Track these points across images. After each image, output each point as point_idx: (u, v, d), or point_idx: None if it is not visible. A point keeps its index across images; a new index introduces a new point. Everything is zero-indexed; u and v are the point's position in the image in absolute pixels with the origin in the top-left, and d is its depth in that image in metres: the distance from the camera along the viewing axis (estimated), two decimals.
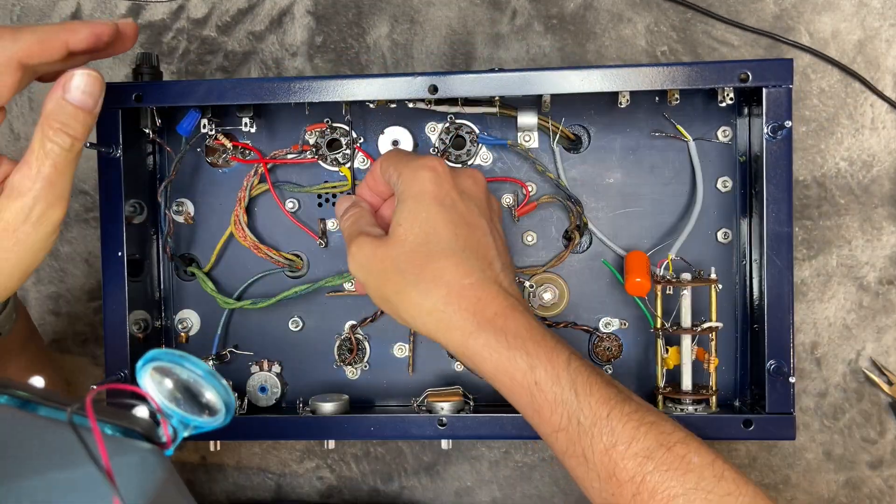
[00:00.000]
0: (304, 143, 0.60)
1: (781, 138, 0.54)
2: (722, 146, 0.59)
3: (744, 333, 0.59)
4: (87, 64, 0.49)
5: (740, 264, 0.59)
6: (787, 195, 0.54)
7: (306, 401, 0.60)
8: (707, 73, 0.53)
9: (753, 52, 0.66)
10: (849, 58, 0.66)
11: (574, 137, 0.60)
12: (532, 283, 0.61)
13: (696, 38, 0.67)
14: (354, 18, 0.68)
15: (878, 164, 0.66)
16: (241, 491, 0.70)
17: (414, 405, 0.60)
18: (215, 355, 0.61)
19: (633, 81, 0.53)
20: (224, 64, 0.69)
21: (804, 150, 0.66)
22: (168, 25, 0.69)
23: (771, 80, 0.53)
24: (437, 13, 0.68)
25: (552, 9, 0.67)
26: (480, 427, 0.56)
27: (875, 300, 0.66)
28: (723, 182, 0.59)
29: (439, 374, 0.62)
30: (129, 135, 0.57)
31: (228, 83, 0.55)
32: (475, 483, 0.69)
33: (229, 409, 0.34)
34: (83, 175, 0.70)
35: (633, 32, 0.67)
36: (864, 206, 0.66)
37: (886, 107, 0.66)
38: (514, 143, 0.59)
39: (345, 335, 0.62)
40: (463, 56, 0.68)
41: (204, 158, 0.61)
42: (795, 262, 0.65)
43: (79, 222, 0.70)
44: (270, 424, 0.57)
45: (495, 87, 0.54)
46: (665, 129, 0.59)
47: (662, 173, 0.60)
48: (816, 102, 0.66)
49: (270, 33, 0.69)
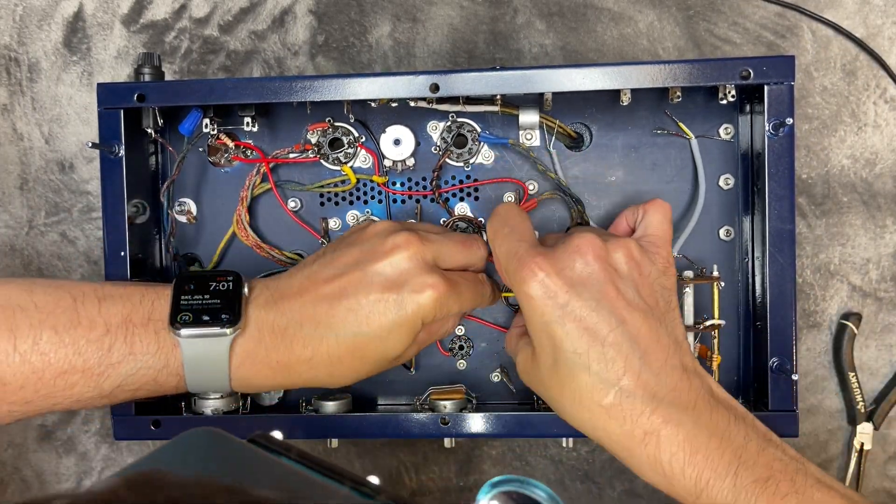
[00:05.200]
0: (306, 142, 0.60)
1: (783, 135, 0.54)
2: (724, 144, 0.59)
3: (746, 331, 0.59)
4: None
5: (742, 262, 0.59)
6: (790, 192, 0.54)
7: (309, 400, 0.60)
8: (709, 71, 0.53)
9: (755, 50, 0.66)
10: (851, 55, 0.66)
11: (576, 136, 0.60)
12: None
13: (699, 35, 0.66)
14: (356, 17, 0.68)
15: (882, 162, 0.66)
16: None
17: (417, 404, 0.60)
18: None
19: (635, 79, 0.53)
20: (226, 63, 0.69)
21: (807, 147, 0.66)
22: (170, 25, 0.69)
23: (773, 78, 0.53)
24: (439, 12, 0.68)
25: (553, 6, 0.67)
26: (483, 426, 0.56)
27: (877, 298, 0.66)
28: (725, 180, 0.59)
29: (442, 372, 0.62)
30: (131, 135, 0.57)
31: (230, 83, 0.55)
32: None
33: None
34: (86, 175, 0.70)
35: (634, 31, 0.67)
36: (867, 203, 0.66)
37: (889, 104, 0.66)
38: (515, 141, 0.59)
39: None
40: (465, 54, 0.68)
41: (206, 158, 0.62)
42: (798, 260, 0.65)
43: (82, 222, 0.70)
44: (274, 424, 0.57)
45: (497, 86, 0.54)
46: (667, 126, 0.59)
47: (664, 171, 0.60)
48: (819, 100, 0.66)
49: (272, 32, 0.69)
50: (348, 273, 0.50)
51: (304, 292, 0.50)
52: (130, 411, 0.57)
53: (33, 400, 0.47)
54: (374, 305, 0.49)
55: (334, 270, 0.51)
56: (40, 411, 0.48)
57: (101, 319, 0.47)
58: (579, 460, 0.69)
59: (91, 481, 0.71)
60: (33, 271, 0.70)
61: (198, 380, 0.49)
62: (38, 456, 0.72)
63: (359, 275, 0.50)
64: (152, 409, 0.59)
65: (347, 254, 0.52)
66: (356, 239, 0.53)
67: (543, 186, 0.60)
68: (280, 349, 0.49)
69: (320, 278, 0.51)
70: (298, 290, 0.50)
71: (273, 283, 0.52)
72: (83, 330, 0.47)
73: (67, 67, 0.70)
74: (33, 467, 0.72)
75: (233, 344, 0.49)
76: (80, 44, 0.70)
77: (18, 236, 0.71)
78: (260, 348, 0.49)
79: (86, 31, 0.70)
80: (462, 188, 0.61)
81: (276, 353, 0.49)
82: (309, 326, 0.49)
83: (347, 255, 0.52)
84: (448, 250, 0.53)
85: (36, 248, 0.70)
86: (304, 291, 0.50)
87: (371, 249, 0.51)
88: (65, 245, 0.70)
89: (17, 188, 0.70)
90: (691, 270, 0.57)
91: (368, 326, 0.49)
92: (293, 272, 0.53)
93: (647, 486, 0.68)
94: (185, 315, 0.48)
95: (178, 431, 0.57)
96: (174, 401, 0.62)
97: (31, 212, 0.70)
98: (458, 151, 0.60)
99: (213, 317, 0.48)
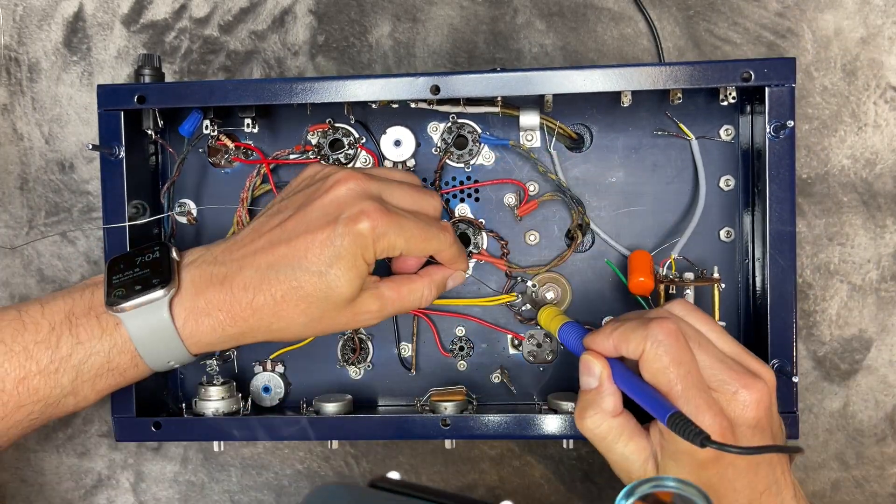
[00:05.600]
0: (307, 143, 0.60)
1: (784, 137, 0.54)
2: (724, 145, 0.59)
3: (747, 332, 0.59)
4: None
5: (743, 263, 0.59)
6: (790, 194, 0.54)
7: (310, 401, 0.60)
8: (710, 73, 0.53)
9: (755, 50, 0.66)
10: (851, 55, 0.66)
11: (576, 137, 0.60)
12: (535, 282, 0.61)
13: (699, 36, 0.66)
14: (356, 17, 0.68)
15: (882, 162, 0.66)
16: (244, 491, 0.71)
17: (417, 405, 0.60)
18: (218, 355, 0.61)
19: (636, 81, 0.53)
20: (226, 63, 0.69)
21: (807, 147, 0.66)
22: (170, 25, 0.69)
23: (773, 79, 0.53)
24: (439, 12, 0.68)
25: (553, 6, 0.67)
26: (484, 427, 0.56)
27: (878, 298, 0.66)
28: (725, 181, 0.59)
29: (442, 374, 0.62)
30: (131, 136, 0.57)
31: (230, 84, 0.55)
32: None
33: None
34: (86, 175, 0.70)
35: (634, 31, 0.67)
36: (867, 203, 0.66)
37: (889, 105, 0.66)
38: (516, 142, 0.59)
39: (348, 335, 0.62)
40: (465, 54, 0.68)
41: (206, 159, 0.61)
42: (798, 260, 0.65)
43: (82, 222, 0.70)
44: (274, 425, 0.57)
45: (497, 87, 0.54)
46: (667, 127, 0.59)
47: (665, 172, 0.60)
48: (819, 100, 0.66)
49: (272, 33, 0.69)
50: (292, 217, 0.50)
51: (248, 243, 0.51)
52: (131, 413, 0.57)
53: (7, 415, 0.48)
54: (312, 240, 0.49)
55: (279, 218, 0.51)
56: (24, 428, 0.50)
57: (45, 321, 0.49)
58: (579, 460, 0.69)
59: (91, 481, 0.72)
60: (33, 271, 0.70)
61: (152, 352, 0.50)
62: (39, 456, 0.72)
63: (300, 215, 0.50)
64: (153, 410, 0.59)
65: (292, 200, 0.52)
66: (300, 185, 0.54)
67: (544, 187, 0.60)
68: (220, 296, 0.49)
69: (265, 228, 0.51)
70: (241, 241, 0.51)
71: (216, 244, 0.53)
72: (30, 334, 0.48)
73: (67, 67, 0.70)
74: (34, 467, 0.72)
75: (172, 304, 0.49)
76: (80, 44, 0.70)
77: (18, 236, 0.70)
78: (200, 301, 0.49)
79: (86, 31, 0.69)
80: (462, 189, 0.61)
81: (217, 301, 0.49)
82: (249, 269, 0.49)
83: (292, 201, 0.52)
84: (396, 188, 0.52)
85: (36, 248, 0.70)
86: (248, 242, 0.51)
87: (314, 190, 0.51)
88: (65, 245, 0.70)
89: (17, 188, 0.70)
90: (692, 272, 0.57)
91: (307, 261, 0.49)
92: (239, 231, 0.54)
93: None
94: (118, 291, 0.50)
95: (178, 433, 0.57)
96: (175, 403, 0.62)
97: (31, 212, 0.70)
98: (458, 152, 0.60)
99: (145, 285, 0.49)
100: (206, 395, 0.58)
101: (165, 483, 0.71)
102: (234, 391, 0.59)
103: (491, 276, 0.61)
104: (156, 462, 0.71)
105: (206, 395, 0.58)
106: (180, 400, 0.63)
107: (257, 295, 0.49)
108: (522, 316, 0.60)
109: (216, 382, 0.59)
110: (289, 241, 0.49)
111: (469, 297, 0.61)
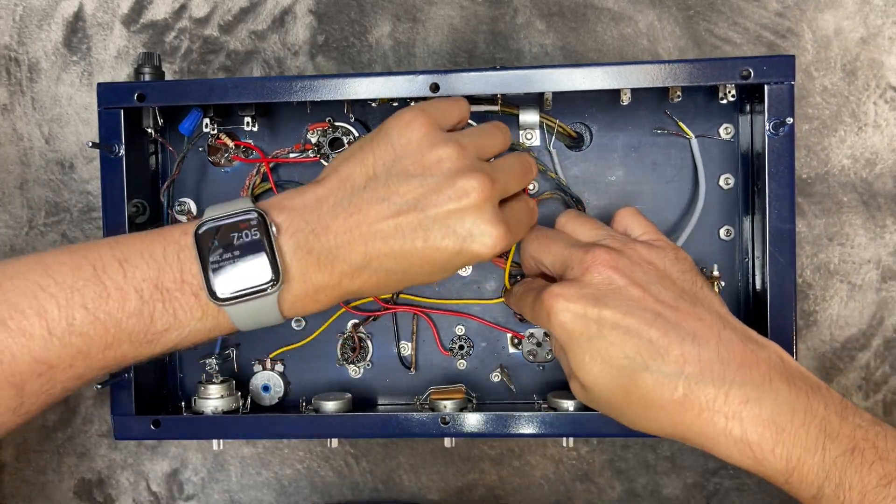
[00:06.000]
0: (307, 142, 0.60)
1: (784, 135, 0.54)
2: (724, 143, 0.59)
3: None
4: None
5: (743, 261, 0.59)
6: (790, 192, 0.54)
7: (309, 399, 0.60)
8: (709, 70, 0.53)
9: (755, 50, 0.66)
10: (851, 55, 0.66)
11: (576, 135, 0.60)
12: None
13: (699, 36, 0.67)
14: (356, 17, 0.68)
15: (882, 162, 0.66)
16: (243, 490, 0.71)
17: (417, 403, 0.60)
18: (218, 354, 0.61)
19: (635, 79, 0.53)
20: (226, 63, 0.69)
21: (807, 147, 0.66)
22: (170, 25, 0.69)
23: (773, 77, 0.53)
24: (439, 11, 0.68)
25: (553, 6, 0.67)
26: (483, 425, 0.56)
27: (878, 298, 0.66)
28: (725, 179, 0.59)
29: (442, 372, 0.62)
30: (131, 134, 0.57)
31: (230, 82, 0.55)
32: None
33: None
34: (86, 175, 0.70)
35: (634, 31, 0.67)
36: (867, 203, 0.66)
37: (889, 105, 0.66)
38: (515, 141, 0.59)
39: (347, 334, 0.62)
40: (465, 54, 0.68)
41: (206, 158, 0.62)
42: (798, 260, 0.65)
43: (82, 222, 0.70)
44: (273, 423, 0.57)
45: (497, 86, 0.54)
46: (667, 126, 0.59)
47: (664, 171, 0.60)
48: (819, 100, 0.66)
49: (272, 32, 0.69)
50: (406, 213, 0.46)
51: (354, 227, 0.47)
52: (131, 411, 0.57)
53: (85, 374, 0.46)
54: (431, 252, 0.47)
55: (389, 208, 0.47)
56: (93, 380, 0.48)
57: (131, 287, 0.45)
58: (579, 460, 0.69)
59: (91, 480, 0.72)
60: None
61: (250, 326, 0.48)
62: (39, 456, 0.72)
63: (419, 217, 0.46)
64: (152, 409, 0.59)
65: (406, 186, 0.47)
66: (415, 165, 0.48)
67: (544, 186, 0.60)
68: (325, 280, 0.47)
69: (372, 214, 0.47)
70: (346, 224, 0.47)
71: (308, 213, 0.47)
72: (115, 302, 0.45)
73: (67, 67, 0.70)
74: (34, 467, 0.72)
75: (280, 294, 0.47)
76: (80, 44, 0.70)
77: (18, 236, 0.71)
78: (307, 286, 0.47)
79: (86, 31, 0.70)
80: None
81: (322, 285, 0.47)
82: (357, 255, 0.47)
83: (406, 187, 0.47)
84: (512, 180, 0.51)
85: (36, 248, 0.70)
86: (354, 226, 0.47)
87: (436, 187, 0.47)
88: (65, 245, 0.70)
89: (17, 188, 0.70)
90: None
91: (421, 268, 0.47)
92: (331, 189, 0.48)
93: (647, 486, 0.69)
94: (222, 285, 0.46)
95: (178, 431, 0.57)
96: (174, 401, 0.62)
97: (31, 212, 0.70)
98: None
99: (252, 281, 0.46)
100: (206, 393, 0.58)
101: (165, 483, 0.71)
102: (234, 390, 0.59)
103: (491, 276, 0.61)
104: (155, 462, 0.71)
105: (206, 394, 0.58)
106: (180, 398, 0.63)
107: (366, 284, 0.48)
108: (522, 315, 0.60)
109: (216, 381, 0.58)
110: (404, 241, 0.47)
111: (469, 296, 0.61)
